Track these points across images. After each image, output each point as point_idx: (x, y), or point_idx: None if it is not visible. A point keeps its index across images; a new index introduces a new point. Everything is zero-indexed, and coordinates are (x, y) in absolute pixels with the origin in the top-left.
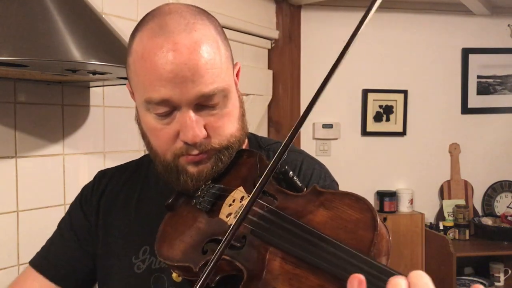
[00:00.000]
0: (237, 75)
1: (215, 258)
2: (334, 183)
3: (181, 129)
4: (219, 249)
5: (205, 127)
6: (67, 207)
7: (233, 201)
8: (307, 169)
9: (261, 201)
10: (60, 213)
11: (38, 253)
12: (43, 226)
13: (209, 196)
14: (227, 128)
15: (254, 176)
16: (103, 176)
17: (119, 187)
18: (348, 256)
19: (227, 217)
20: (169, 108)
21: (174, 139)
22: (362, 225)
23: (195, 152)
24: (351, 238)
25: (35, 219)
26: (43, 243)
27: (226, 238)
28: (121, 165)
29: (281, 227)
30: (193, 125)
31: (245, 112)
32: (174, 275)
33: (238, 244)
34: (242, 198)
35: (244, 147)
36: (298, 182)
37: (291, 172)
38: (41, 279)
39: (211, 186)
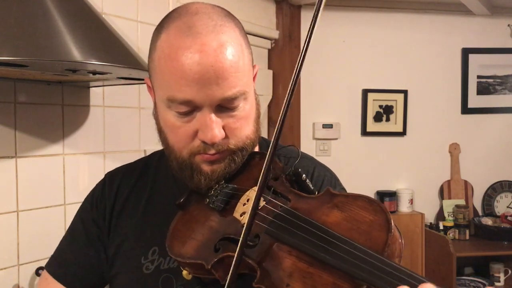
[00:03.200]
0: (254, 77)
1: (236, 258)
2: (344, 191)
3: (200, 129)
4: (238, 249)
5: (223, 128)
6: (67, 207)
7: (248, 200)
8: (318, 175)
9: (275, 201)
10: (60, 213)
11: (53, 258)
12: (43, 226)
13: (223, 195)
14: (244, 130)
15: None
16: (113, 178)
17: (129, 188)
18: (363, 255)
19: (241, 215)
20: (191, 108)
21: (192, 137)
22: (376, 226)
23: (212, 151)
24: (365, 239)
25: (35, 219)
26: (43, 243)
27: (242, 236)
28: (129, 164)
29: (295, 226)
30: (213, 126)
31: (260, 114)
32: (184, 272)
33: (251, 243)
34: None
35: (255, 149)
36: (310, 185)
37: (304, 175)
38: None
39: (225, 186)
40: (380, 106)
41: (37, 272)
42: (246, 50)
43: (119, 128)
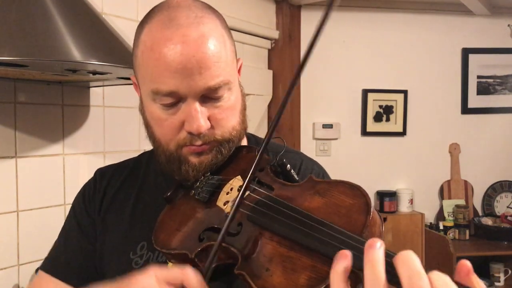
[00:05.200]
0: (238, 71)
1: (218, 240)
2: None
3: (186, 120)
4: (221, 234)
5: (209, 119)
6: (67, 207)
7: (231, 189)
8: (305, 169)
9: (259, 189)
10: (60, 213)
11: (46, 258)
12: (43, 226)
13: (208, 187)
14: (230, 120)
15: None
16: (103, 174)
17: (118, 185)
18: (341, 236)
19: (224, 204)
20: (175, 99)
21: (178, 129)
22: (356, 209)
23: (199, 142)
24: (344, 221)
25: (35, 219)
26: (43, 243)
27: (226, 224)
28: (119, 163)
29: (276, 211)
30: (198, 116)
31: (246, 107)
32: (170, 265)
33: (234, 232)
34: (240, 186)
35: (243, 143)
36: (295, 176)
37: (288, 165)
38: (54, 281)
39: (210, 177)
40: (380, 106)
41: (37, 272)
42: (228, 41)
43: (119, 128)
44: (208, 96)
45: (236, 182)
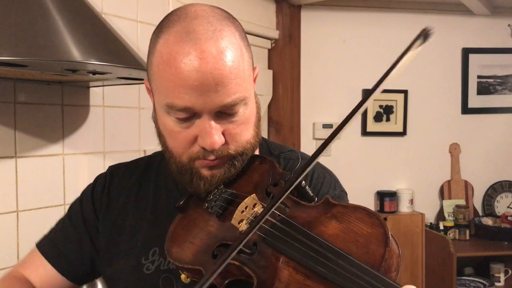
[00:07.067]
0: (254, 79)
1: (221, 263)
2: (344, 193)
3: (200, 135)
4: (227, 254)
5: (223, 133)
6: (67, 207)
7: (246, 207)
8: (318, 177)
9: (273, 210)
10: (60, 213)
11: (46, 237)
12: (43, 226)
13: (221, 201)
14: (244, 135)
15: (266, 183)
16: (115, 172)
17: (129, 186)
18: (359, 271)
19: (239, 223)
20: (190, 114)
21: (191, 143)
22: (374, 240)
23: (212, 157)
24: (362, 252)
25: (35, 219)
26: None
27: (237, 244)
28: (131, 161)
29: (293, 237)
30: (213, 132)
31: (260, 117)
32: (182, 276)
33: (249, 251)
34: (254, 205)
35: (255, 152)
36: (310, 192)
37: (303, 182)
38: (47, 267)
39: (223, 190)
40: (380, 106)
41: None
42: (246, 54)
43: (119, 128)
44: (224, 112)
45: (251, 201)
